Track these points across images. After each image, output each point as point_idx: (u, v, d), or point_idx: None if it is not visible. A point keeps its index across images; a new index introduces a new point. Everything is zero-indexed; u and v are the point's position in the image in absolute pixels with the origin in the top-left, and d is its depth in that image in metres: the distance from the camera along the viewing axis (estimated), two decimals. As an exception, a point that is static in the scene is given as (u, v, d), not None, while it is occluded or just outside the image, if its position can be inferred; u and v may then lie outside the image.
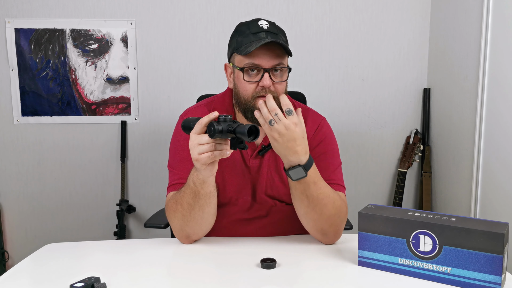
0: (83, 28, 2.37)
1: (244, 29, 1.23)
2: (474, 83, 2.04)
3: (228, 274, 1.08)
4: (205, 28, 2.41)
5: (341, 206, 1.22)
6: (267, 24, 1.22)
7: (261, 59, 1.19)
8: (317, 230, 1.23)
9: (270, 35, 1.20)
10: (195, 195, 1.15)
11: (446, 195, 2.36)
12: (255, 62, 1.19)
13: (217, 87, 2.39)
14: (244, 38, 1.21)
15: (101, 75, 2.42)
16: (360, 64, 2.49)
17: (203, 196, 1.15)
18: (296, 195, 1.18)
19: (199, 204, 1.16)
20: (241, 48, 1.20)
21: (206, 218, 1.20)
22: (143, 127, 2.48)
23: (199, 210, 1.17)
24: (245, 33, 1.22)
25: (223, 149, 1.06)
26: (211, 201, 1.17)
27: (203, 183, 1.13)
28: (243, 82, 1.22)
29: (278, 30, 1.25)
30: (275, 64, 1.20)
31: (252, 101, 1.21)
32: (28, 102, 2.41)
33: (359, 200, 2.51)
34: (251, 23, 1.23)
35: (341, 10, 2.44)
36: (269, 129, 1.08)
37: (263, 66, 1.19)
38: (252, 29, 1.21)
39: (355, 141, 2.53)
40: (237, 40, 1.23)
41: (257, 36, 1.19)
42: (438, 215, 1.03)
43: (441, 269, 1.00)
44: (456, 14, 2.21)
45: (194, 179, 1.13)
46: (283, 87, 1.24)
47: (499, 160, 1.90)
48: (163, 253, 1.22)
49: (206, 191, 1.14)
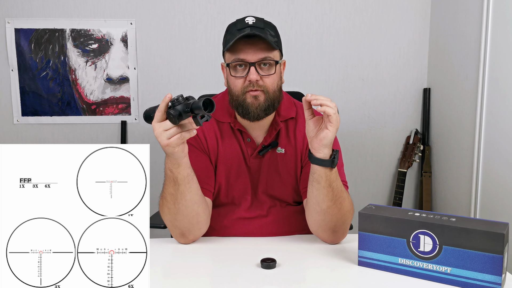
0: (83, 28, 2.37)
1: (232, 27, 1.25)
2: (474, 83, 2.04)
3: (228, 274, 1.08)
4: (205, 28, 2.41)
5: (352, 203, 1.24)
6: (254, 19, 1.23)
7: (246, 54, 1.20)
8: (331, 226, 1.21)
9: (255, 30, 1.20)
10: (174, 182, 1.14)
11: (446, 195, 2.36)
12: (240, 57, 1.21)
13: (217, 87, 2.39)
14: (230, 36, 1.23)
15: (101, 75, 2.42)
16: (360, 64, 2.49)
17: (181, 181, 1.14)
18: (324, 187, 1.16)
19: (180, 190, 1.15)
20: (226, 45, 1.22)
21: (190, 207, 1.18)
22: (143, 127, 2.48)
23: (181, 198, 1.16)
24: (231, 31, 1.24)
25: (188, 128, 1.06)
26: (191, 185, 1.16)
27: (178, 167, 1.12)
28: (232, 78, 1.24)
29: (266, 24, 1.25)
30: (260, 58, 1.21)
31: (242, 97, 1.23)
32: (28, 102, 2.41)
33: (359, 200, 2.51)
34: (238, 21, 1.25)
35: (341, 10, 2.44)
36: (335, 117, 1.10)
37: (248, 60, 1.20)
38: (238, 26, 1.23)
39: (355, 141, 2.53)
40: (226, 39, 1.26)
41: (241, 32, 1.20)
42: (438, 215, 1.03)
43: (441, 269, 1.00)
44: (456, 14, 2.21)
45: (170, 166, 1.13)
46: (273, 81, 1.24)
47: (499, 160, 1.90)
48: (162, 253, 1.22)
49: (184, 175, 1.14)
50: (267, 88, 1.22)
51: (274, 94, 1.24)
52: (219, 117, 1.33)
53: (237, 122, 1.31)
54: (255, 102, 1.22)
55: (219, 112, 1.33)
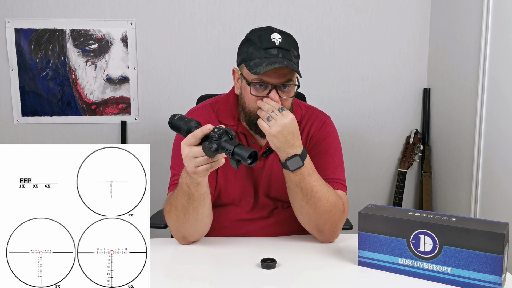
0: (83, 28, 2.37)
1: (256, 40, 1.19)
2: (474, 83, 2.04)
3: (228, 274, 1.08)
4: (205, 28, 2.41)
5: (336, 203, 1.21)
6: (280, 38, 1.19)
7: (270, 77, 1.18)
8: (313, 226, 1.24)
9: (281, 52, 1.17)
10: (189, 197, 1.14)
11: (446, 195, 2.36)
12: (263, 79, 1.18)
13: (217, 87, 2.40)
14: (254, 51, 1.18)
15: (101, 75, 2.42)
16: (360, 64, 2.49)
17: (197, 198, 1.14)
18: (292, 187, 1.20)
19: (194, 205, 1.15)
20: (250, 63, 1.18)
21: (200, 219, 1.20)
22: (143, 127, 2.48)
23: (193, 211, 1.16)
24: (256, 45, 1.18)
25: (218, 158, 1.04)
26: (205, 201, 1.17)
27: (197, 185, 1.11)
28: (250, 96, 1.20)
29: (291, 44, 1.21)
30: (283, 81, 1.19)
31: (256, 116, 1.21)
32: (28, 102, 2.41)
33: (359, 200, 2.51)
34: (263, 35, 1.19)
35: (341, 10, 2.44)
36: (268, 126, 1.13)
37: (271, 83, 1.18)
38: (264, 44, 1.17)
39: (355, 141, 2.53)
40: (248, 50, 1.20)
41: (268, 53, 1.16)
42: (438, 215, 1.03)
43: (441, 269, 1.00)
44: (456, 14, 2.21)
45: (188, 183, 1.11)
46: (289, 102, 1.24)
47: (499, 160, 1.90)
48: (163, 253, 1.22)
49: (201, 193, 1.13)
50: None
51: None
52: (223, 119, 1.32)
53: (240, 125, 1.31)
54: None
55: (222, 113, 1.33)
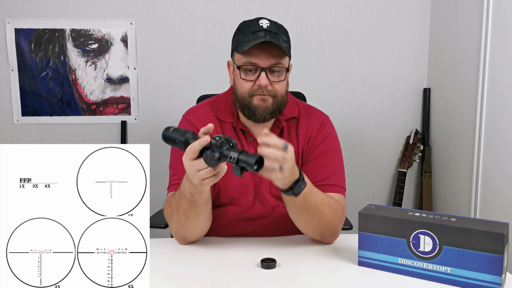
0: (83, 28, 2.37)
1: (245, 28, 1.24)
2: (474, 83, 2.04)
3: (228, 274, 1.08)
4: (205, 28, 2.41)
5: (337, 209, 1.22)
6: (268, 23, 1.23)
7: (258, 58, 1.20)
8: (317, 234, 1.25)
9: (269, 35, 1.20)
10: (191, 203, 1.13)
11: (446, 195, 2.36)
12: (252, 60, 1.20)
13: (217, 87, 2.39)
14: (243, 37, 1.22)
15: (101, 75, 2.42)
16: (360, 64, 2.49)
17: (200, 204, 1.14)
18: (295, 210, 1.17)
19: (196, 211, 1.15)
20: (240, 46, 1.22)
21: (201, 223, 1.20)
22: (143, 127, 2.48)
23: (195, 216, 1.16)
24: (245, 32, 1.23)
25: (222, 168, 1.03)
26: (207, 207, 1.17)
27: (201, 193, 1.11)
28: (240, 80, 1.23)
29: (279, 29, 1.25)
30: (272, 63, 1.21)
31: (249, 99, 1.23)
32: (28, 102, 2.41)
33: (359, 200, 2.51)
34: (252, 22, 1.24)
35: (341, 10, 2.44)
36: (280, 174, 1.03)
37: (260, 65, 1.20)
38: (252, 28, 1.22)
39: (355, 141, 2.53)
40: (238, 38, 1.25)
41: (256, 35, 1.20)
42: (438, 215, 1.03)
43: (441, 269, 1.00)
44: (456, 14, 2.21)
45: (192, 192, 1.10)
46: (282, 87, 1.25)
47: (499, 160, 1.90)
48: (162, 253, 1.22)
49: (204, 199, 1.13)
50: (276, 93, 1.23)
51: (282, 98, 1.26)
52: (222, 116, 1.33)
53: (239, 122, 1.31)
54: (262, 104, 1.23)
55: (221, 111, 1.33)
